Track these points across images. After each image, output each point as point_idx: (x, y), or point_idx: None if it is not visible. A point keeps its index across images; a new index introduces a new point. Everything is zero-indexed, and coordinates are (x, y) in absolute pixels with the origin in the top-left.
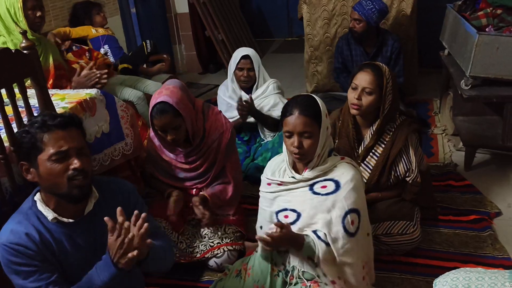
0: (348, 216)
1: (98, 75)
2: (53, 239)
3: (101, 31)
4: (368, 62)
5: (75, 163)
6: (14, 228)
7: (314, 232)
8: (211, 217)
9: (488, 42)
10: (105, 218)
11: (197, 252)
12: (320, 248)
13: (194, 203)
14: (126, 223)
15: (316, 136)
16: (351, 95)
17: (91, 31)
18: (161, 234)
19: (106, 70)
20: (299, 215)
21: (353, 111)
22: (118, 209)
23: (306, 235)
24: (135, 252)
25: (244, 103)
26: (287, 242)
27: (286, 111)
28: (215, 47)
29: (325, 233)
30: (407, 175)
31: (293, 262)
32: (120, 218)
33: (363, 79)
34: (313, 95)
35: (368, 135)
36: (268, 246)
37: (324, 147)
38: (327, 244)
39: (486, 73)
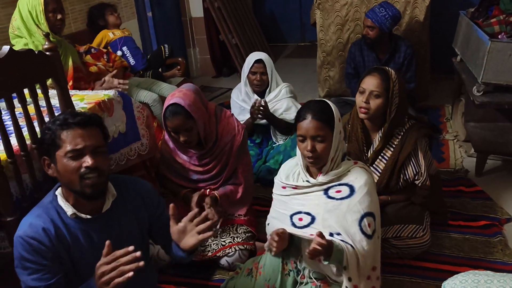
0: (365, 219)
1: (115, 84)
2: (69, 234)
3: (118, 33)
4: (376, 67)
5: (88, 162)
6: (33, 222)
7: (331, 235)
8: (218, 220)
9: (500, 49)
10: (106, 242)
11: (209, 250)
12: (347, 251)
13: (205, 205)
14: (119, 252)
15: (329, 140)
16: (359, 99)
17: (109, 36)
18: None
19: (127, 81)
20: (313, 219)
21: (362, 115)
22: (107, 242)
23: (332, 240)
24: (120, 279)
25: (260, 107)
26: (325, 250)
27: (299, 116)
28: (229, 51)
29: (346, 236)
30: (416, 178)
31: (304, 263)
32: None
33: (370, 82)
34: (326, 100)
35: (377, 138)
36: (315, 257)
37: (338, 151)
38: (352, 246)
39: (498, 80)
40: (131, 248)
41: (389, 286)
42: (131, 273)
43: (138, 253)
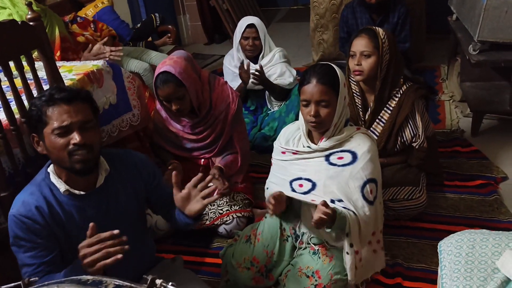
0: (367, 185)
1: (107, 55)
2: (63, 211)
3: (90, 12)
4: (362, 29)
5: (75, 139)
6: (25, 200)
7: (332, 202)
8: (230, 187)
9: (496, 6)
10: (90, 224)
11: (207, 219)
12: (350, 218)
13: (214, 176)
14: (104, 235)
15: (333, 105)
16: (352, 63)
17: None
18: None
19: (120, 48)
20: (314, 185)
21: (357, 77)
22: (91, 224)
23: (335, 207)
24: (108, 261)
25: (256, 73)
26: (330, 219)
27: (304, 80)
28: (220, 17)
29: (348, 203)
30: (413, 140)
31: (303, 228)
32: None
33: (359, 44)
34: (331, 64)
35: (372, 100)
36: (321, 226)
37: (341, 116)
38: (354, 213)
39: (494, 38)
40: (116, 231)
41: (386, 247)
42: (120, 255)
43: (124, 237)
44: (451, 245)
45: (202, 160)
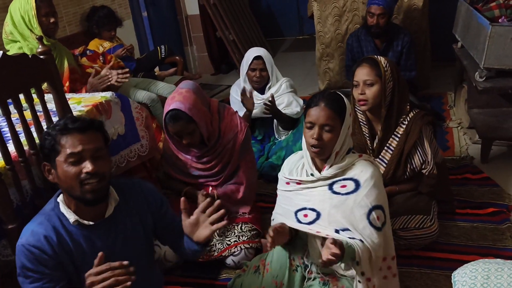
0: (373, 212)
1: (115, 77)
2: (72, 241)
3: (106, 44)
4: (364, 58)
5: (87, 167)
6: (34, 229)
7: (337, 231)
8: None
9: (501, 33)
10: (99, 254)
11: (214, 250)
12: (358, 247)
13: (198, 202)
14: (114, 264)
15: (336, 131)
16: (355, 93)
17: (98, 48)
18: None
19: (127, 69)
20: (318, 214)
21: (362, 107)
22: (99, 254)
23: (341, 239)
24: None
25: (268, 103)
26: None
27: (311, 102)
28: (227, 47)
29: (355, 231)
30: (423, 167)
31: (311, 258)
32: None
33: (361, 73)
34: (340, 93)
35: (379, 128)
36: (331, 264)
37: (343, 145)
38: (361, 240)
39: (500, 64)
40: (125, 262)
41: (398, 278)
42: (129, 283)
43: (131, 268)
44: (465, 276)
45: (210, 188)
